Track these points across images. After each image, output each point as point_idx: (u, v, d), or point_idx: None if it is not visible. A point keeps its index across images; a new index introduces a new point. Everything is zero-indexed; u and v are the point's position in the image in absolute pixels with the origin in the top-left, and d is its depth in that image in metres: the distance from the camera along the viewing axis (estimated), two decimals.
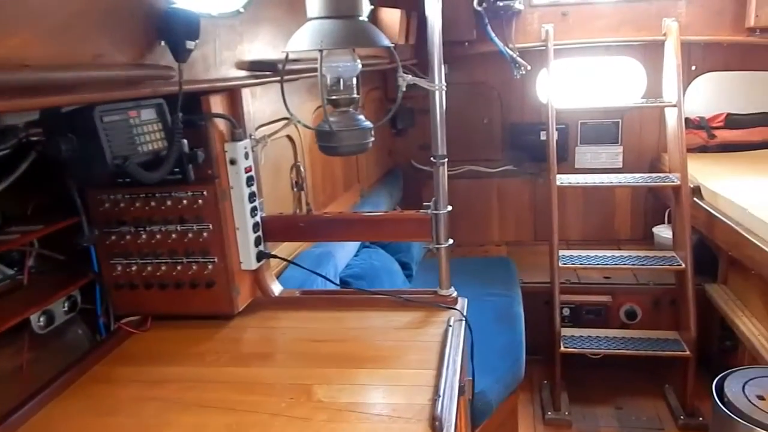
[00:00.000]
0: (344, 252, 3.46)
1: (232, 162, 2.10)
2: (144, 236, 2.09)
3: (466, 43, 4.40)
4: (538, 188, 5.09)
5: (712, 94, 5.12)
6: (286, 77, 2.36)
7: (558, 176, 4.08)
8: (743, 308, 3.77)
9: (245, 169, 2.13)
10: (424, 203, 2.39)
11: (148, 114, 1.70)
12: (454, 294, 2.36)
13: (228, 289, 2.14)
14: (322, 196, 3.53)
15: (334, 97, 2.14)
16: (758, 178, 3.99)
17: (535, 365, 4.17)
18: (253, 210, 2.19)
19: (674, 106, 3.98)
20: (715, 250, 4.11)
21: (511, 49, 4.28)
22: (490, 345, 3.25)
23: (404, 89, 2.28)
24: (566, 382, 4.07)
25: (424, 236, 2.37)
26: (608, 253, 4.09)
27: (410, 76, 2.28)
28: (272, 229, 2.29)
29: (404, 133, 5.12)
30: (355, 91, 2.19)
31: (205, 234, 2.09)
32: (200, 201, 2.06)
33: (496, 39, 4.20)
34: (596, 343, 3.94)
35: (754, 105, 5.11)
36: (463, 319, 2.20)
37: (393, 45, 2.15)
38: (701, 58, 4.55)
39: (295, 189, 2.30)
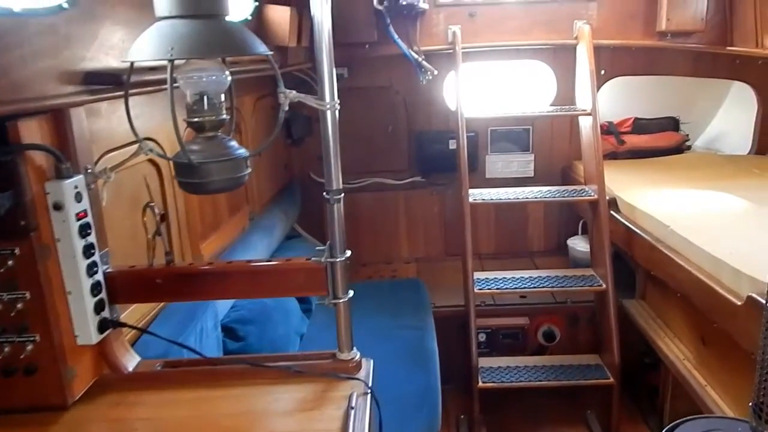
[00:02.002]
0: None
1: (57, 207, 1.58)
2: None
3: (367, 46, 3.99)
4: (448, 200, 4.76)
5: (617, 98, 4.97)
6: (135, 91, 1.86)
7: (470, 191, 3.74)
8: (665, 327, 3.55)
9: (77, 214, 1.61)
10: (317, 248, 1.96)
11: None
12: (357, 357, 1.93)
13: (57, 374, 1.63)
14: (200, 227, 3.01)
15: (196, 120, 1.67)
16: (674, 189, 3.80)
17: (450, 395, 3.82)
18: (92, 267, 1.68)
19: (589, 114, 3.73)
20: (632, 264, 3.89)
21: (416, 52, 3.91)
22: (402, 394, 2.87)
23: (287, 108, 1.82)
24: (484, 415, 3.73)
25: (317, 289, 1.95)
26: (525, 273, 3.78)
27: (294, 92, 1.83)
28: (121, 288, 1.78)
29: (301, 142, 4.65)
30: (223, 111, 1.72)
31: (20, 305, 1.57)
32: (10, 262, 1.54)
33: (399, 41, 3.81)
34: (516, 375, 3.63)
35: (659, 109, 5.01)
36: (369, 392, 1.77)
37: (271, 53, 1.69)
38: (610, 62, 4.34)
39: (149, 236, 1.79)
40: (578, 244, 4.41)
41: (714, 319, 2.76)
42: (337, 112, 1.86)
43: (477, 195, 3.76)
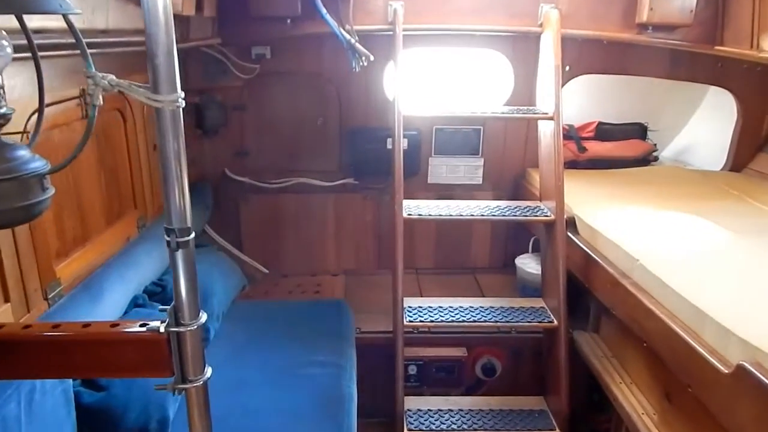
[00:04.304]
0: None
1: None
2: None
3: (289, 21, 3.32)
4: (383, 207, 4.15)
5: (579, 98, 4.43)
6: None
7: (405, 203, 3.14)
8: (621, 370, 3.03)
9: None
10: (160, 307, 1.35)
11: None
12: None
13: None
14: (56, 242, 2.34)
15: None
16: (642, 209, 3.26)
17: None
18: None
19: (550, 118, 3.17)
20: (586, 293, 3.35)
21: (348, 32, 3.25)
22: None
23: (100, 101, 1.20)
24: None
25: (157, 369, 1.35)
26: (465, 302, 3.22)
27: (112, 76, 1.20)
28: None
29: (214, 134, 3.95)
30: (3, 101, 1.16)
31: None
32: None
33: (328, 17, 3.15)
34: (448, 420, 3.08)
35: (624, 113, 4.49)
36: None
37: (77, 12, 1.08)
38: (577, 57, 3.77)
39: None
40: (528, 264, 3.86)
41: (688, 382, 2.24)
42: (181, 111, 1.22)
43: (413, 208, 3.16)
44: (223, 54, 3.63)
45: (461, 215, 3.12)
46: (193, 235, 1.30)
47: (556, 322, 3.06)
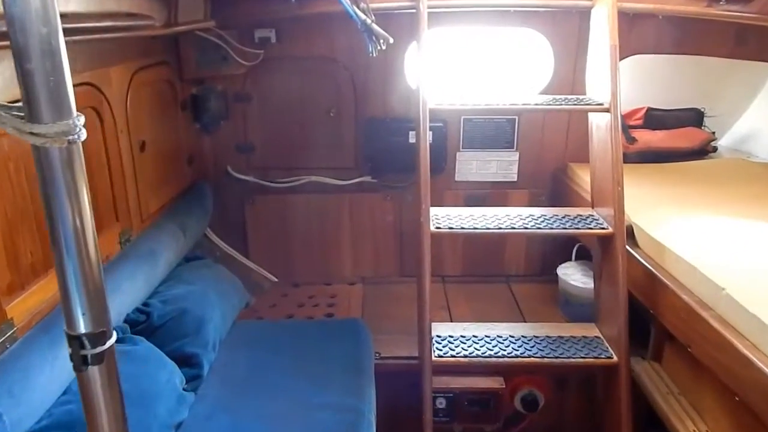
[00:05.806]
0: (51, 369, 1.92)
1: None
2: None
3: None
4: (405, 207, 3.67)
5: (624, 81, 3.88)
6: None
7: (432, 212, 2.66)
8: (694, 415, 2.53)
9: None
10: None
11: None
12: None
13: None
14: (8, 275, 1.92)
15: None
16: (712, 216, 2.75)
17: None
18: None
19: (606, 110, 2.65)
20: (645, 314, 2.85)
21: (363, 12, 2.73)
22: None
23: None
24: None
25: None
26: (504, 330, 2.74)
27: None
28: None
29: (215, 128, 3.51)
30: None
31: None
32: None
33: None
34: None
35: (676, 97, 3.95)
36: None
37: None
38: (627, 35, 3.23)
39: None
40: (571, 275, 3.36)
41: None
42: (80, 147, 0.74)
43: (442, 219, 2.68)
44: (222, 38, 3.16)
45: (500, 227, 2.62)
46: (114, 339, 0.84)
47: (615, 357, 2.57)
